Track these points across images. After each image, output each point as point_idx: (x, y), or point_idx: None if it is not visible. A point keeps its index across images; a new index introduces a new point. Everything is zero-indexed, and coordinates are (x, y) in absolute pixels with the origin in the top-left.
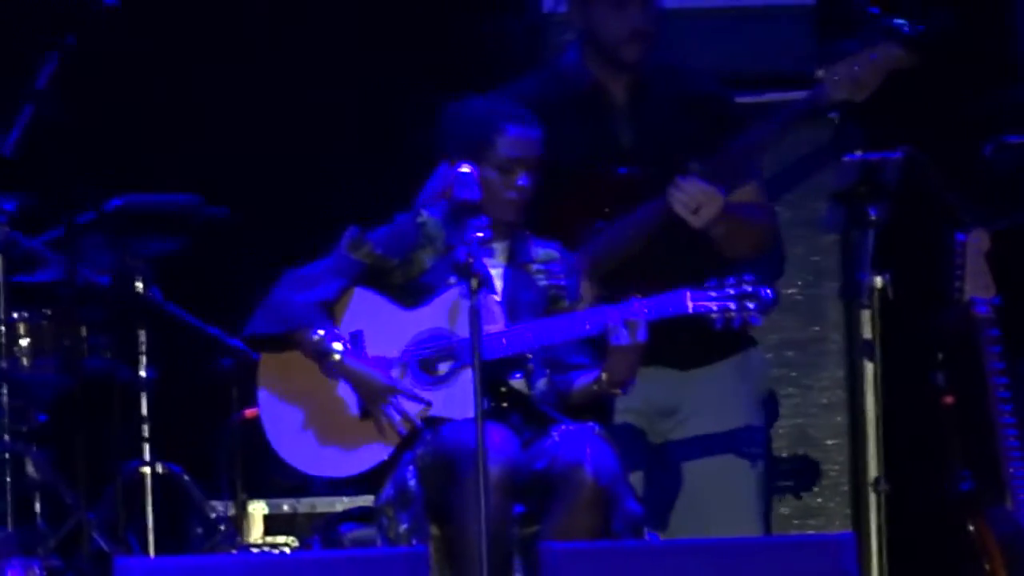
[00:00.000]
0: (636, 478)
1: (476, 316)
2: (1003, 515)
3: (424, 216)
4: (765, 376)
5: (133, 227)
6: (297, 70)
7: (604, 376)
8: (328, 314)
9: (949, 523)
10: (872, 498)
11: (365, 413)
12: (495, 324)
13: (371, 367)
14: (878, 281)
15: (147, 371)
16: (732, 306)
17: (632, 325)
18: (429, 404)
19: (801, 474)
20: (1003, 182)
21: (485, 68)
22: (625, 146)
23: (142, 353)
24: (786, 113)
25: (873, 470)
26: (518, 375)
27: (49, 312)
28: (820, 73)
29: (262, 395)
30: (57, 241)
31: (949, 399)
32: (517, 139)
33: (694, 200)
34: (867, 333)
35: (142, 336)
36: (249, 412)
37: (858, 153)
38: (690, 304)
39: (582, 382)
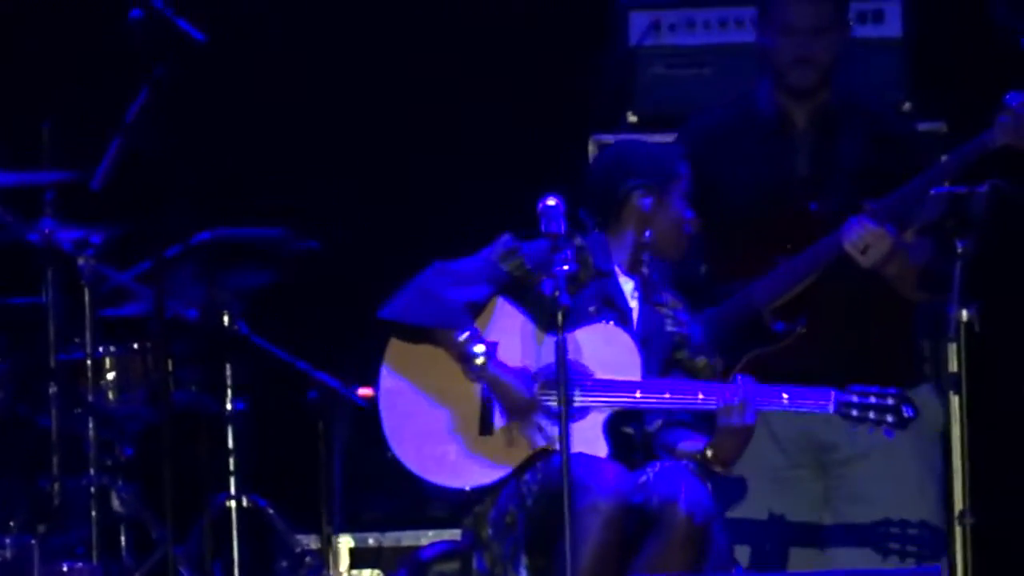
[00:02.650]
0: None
1: (562, 349)
2: None
3: (580, 240)
4: (937, 415)
5: (221, 260)
6: (391, 102)
7: (709, 452)
8: (473, 316)
9: None
10: (959, 531)
11: (487, 429)
12: (632, 365)
13: (516, 377)
14: (964, 314)
15: (233, 404)
16: (872, 416)
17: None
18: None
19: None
20: None
21: (579, 102)
22: (803, 176)
23: (229, 386)
24: (958, 155)
25: (959, 503)
26: (634, 427)
27: (136, 346)
28: (999, 118)
29: (385, 377)
30: (145, 274)
31: None
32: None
33: (863, 240)
34: (954, 367)
35: (228, 369)
36: (364, 391)
37: (945, 186)
38: (832, 405)
39: (687, 447)
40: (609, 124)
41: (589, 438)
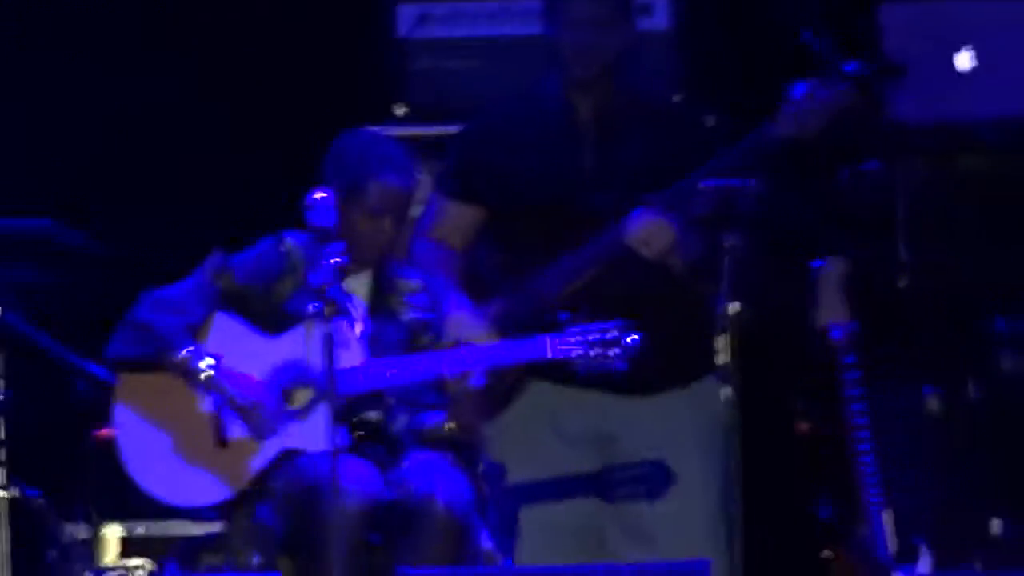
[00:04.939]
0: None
1: (330, 342)
2: (860, 542)
3: (288, 243)
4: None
5: None
6: (157, 85)
7: (451, 423)
8: (191, 335)
9: (807, 549)
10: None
11: (222, 442)
12: (354, 356)
13: (244, 382)
14: (734, 307)
15: (3, 393)
16: (593, 353)
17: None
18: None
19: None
20: (859, 208)
21: (349, 94)
22: (587, 169)
23: None
24: (739, 149)
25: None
26: (374, 413)
27: None
28: (783, 108)
29: (119, 415)
30: None
31: (806, 426)
32: (388, 190)
33: (645, 231)
34: (724, 359)
35: None
36: (104, 432)
37: (712, 180)
38: (549, 350)
39: (432, 422)
40: (379, 117)
41: (324, 434)
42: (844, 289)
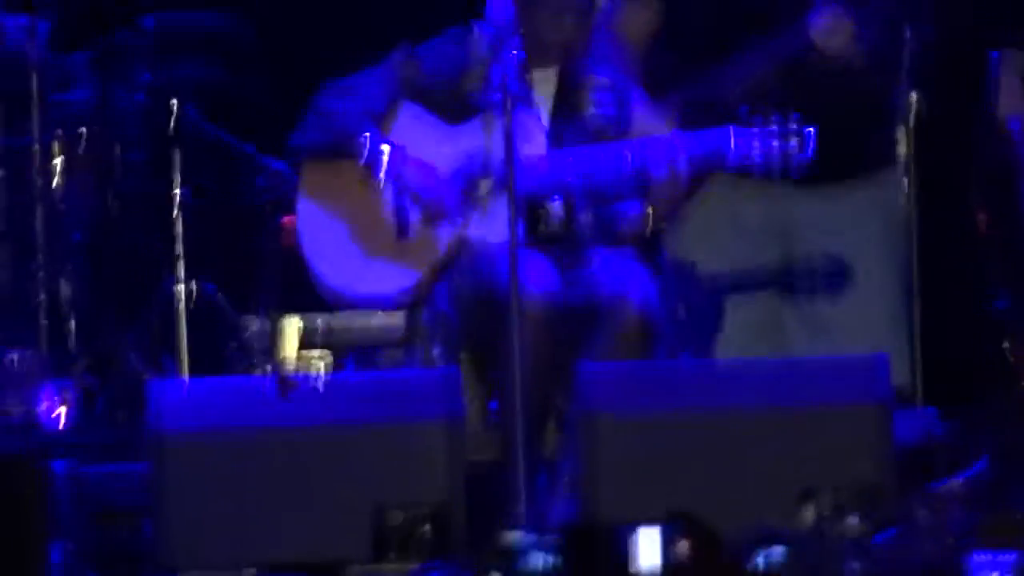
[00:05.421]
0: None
1: (511, 134)
2: None
3: (475, 34)
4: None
5: (168, 46)
6: None
7: (648, 210)
8: (375, 124)
9: (985, 343)
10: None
11: (403, 234)
12: (538, 149)
13: (425, 172)
14: (913, 97)
15: (182, 190)
16: (775, 144)
17: (673, 159)
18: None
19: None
20: None
21: None
22: None
23: (176, 172)
24: (772, 49)
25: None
26: (558, 199)
27: (84, 131)
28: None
29: (302, 208)
30: (92, 59)
31: (984, 218)
32: None
33: (826, 25)
34: (903, 150)
35: (177, 155)
36: (287, 219)
37: None
38: (733, 141)
39: (626, 214)
40: None
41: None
42: (1023, 80)
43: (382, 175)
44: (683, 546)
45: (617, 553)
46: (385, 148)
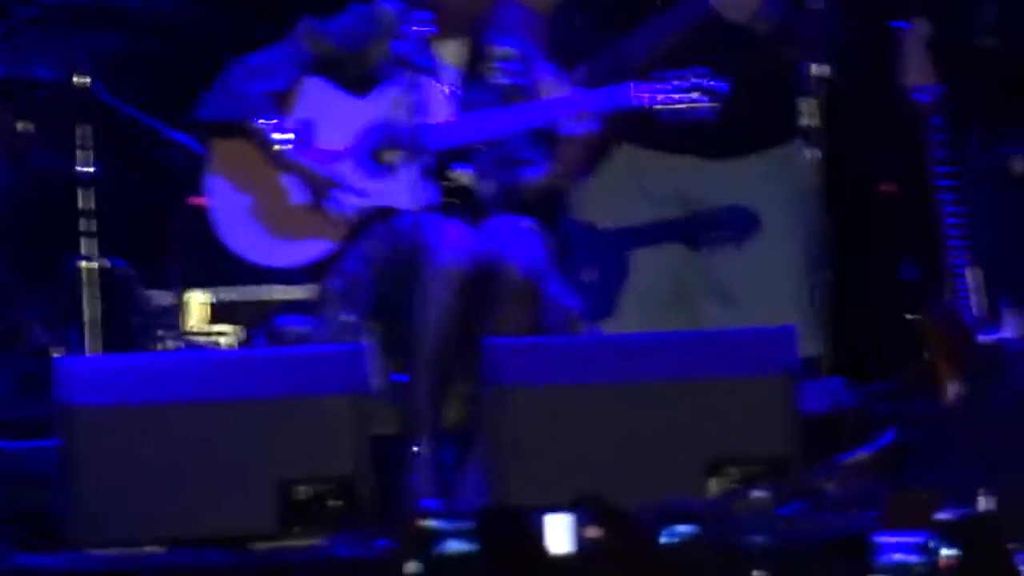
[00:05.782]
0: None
1: (413, 108)
2: (945, 304)
3: (380, 8)
4: (808, 168)
5: (76, 21)
6: None
7: (555, 167)
8: (278, 104)
9: (893, 312)
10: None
11: (312, 204)
12: (444, 116)
13: (313, 160)
14: (820, 70)
15: (91, 165)
16: (678, 98)
17: (579, 116)
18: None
19: None
20: None
21: None
22: None
23: (86, 148)
24: (675, 16)
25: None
26: (464, 166)
27: None
28: None
29: (211, 183)
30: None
31: (892, 187)
32: None
33: None
34: (810, 121)
35: (84, 130)
36: (196, 200)
37: None
38: (634, 95)
39: (533, 175)
40: None
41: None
42: (929, 50)
43: (284, 155)
44: (593, 531)
45: (534, 537)
46: (281, 136)
